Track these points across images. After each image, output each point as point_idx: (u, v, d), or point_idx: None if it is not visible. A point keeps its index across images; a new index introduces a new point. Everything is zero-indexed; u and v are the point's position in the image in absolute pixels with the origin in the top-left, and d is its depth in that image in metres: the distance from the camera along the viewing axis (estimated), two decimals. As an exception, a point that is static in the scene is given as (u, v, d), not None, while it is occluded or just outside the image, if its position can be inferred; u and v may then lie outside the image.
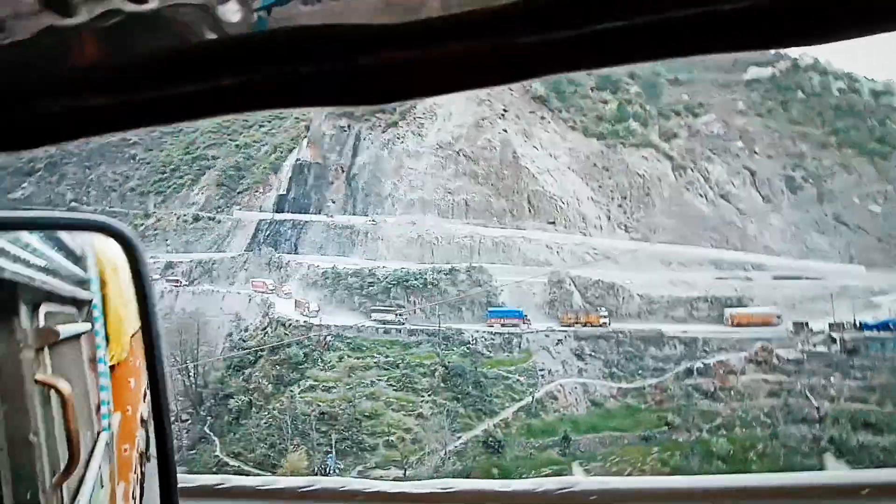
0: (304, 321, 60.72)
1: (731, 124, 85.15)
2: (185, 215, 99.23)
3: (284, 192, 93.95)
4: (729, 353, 54.54)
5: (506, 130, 79.34)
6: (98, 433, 1.58)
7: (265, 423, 50.69)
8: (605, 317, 59.43)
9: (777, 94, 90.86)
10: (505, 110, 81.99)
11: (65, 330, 1.29)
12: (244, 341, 65.19)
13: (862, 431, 46.63)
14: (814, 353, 52.93)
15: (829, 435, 46.98)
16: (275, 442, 48.60)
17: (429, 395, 51.28)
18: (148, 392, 1.60)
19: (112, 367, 1.70)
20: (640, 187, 75.94)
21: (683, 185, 76.82)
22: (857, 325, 54.50)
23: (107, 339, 1.68)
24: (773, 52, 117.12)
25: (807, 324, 56.16)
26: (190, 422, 60.37)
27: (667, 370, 54.42)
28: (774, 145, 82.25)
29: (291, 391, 51.90)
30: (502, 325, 57.92)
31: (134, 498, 1.79)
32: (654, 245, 71.14)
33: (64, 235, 1.45)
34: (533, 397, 51.60)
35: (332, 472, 43.87)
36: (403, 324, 57.99)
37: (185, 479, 4.18)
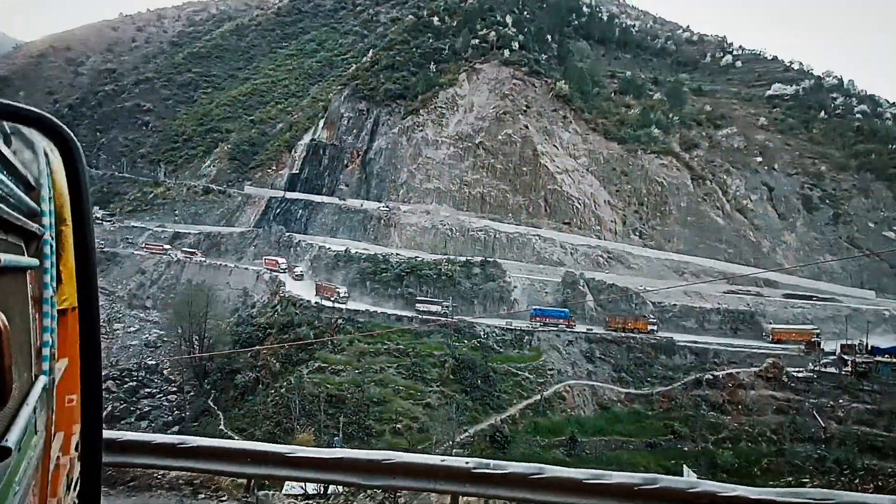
0: (316, 303, 60.25)
1: (752, 139, 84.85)
2: (195, 186, 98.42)
3: (297, 171, 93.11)
4: (739, 367, 54.44)
5: (527, 127, 78.76)
6: (36, 376, 1.42)
7: (271, 400, 50.30)
8: (653, 323, 57.42)
9: (799, 112, 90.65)
10: (527, 106, 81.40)
11: (4, 259, 1.20)
12: (252, 318, 64.79)
13: (868, 455, 46.63)
14: (824, 374, 52.83)
15: (834, 456, 46.98)
16: (281, 420, 48.22)
17: (437, 386, 50.99)
18: (78, 328, 1.44)
19: (64, 312, 1.55)
20: (657, 194, 75.59)
21: (701, 196, 76.49)
22: (869, 348, 54.45)
23: (59, 280, 1.52)
24: (796, 69, 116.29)
25: (818, 344, 56.15)
26: (193, 394, 60.05)
27: (676, 379, 54.32)
28: (794, 163, 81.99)
29: (300, 371, 51.50)
30: (544, 325, 57.03)
31: (77, 449, 1.65)
32: (669, 253, 70.96)
33: (17, 162, 1.31)
34: (542, 396, 51.45)
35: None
36: (448, 316, 57.20)
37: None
